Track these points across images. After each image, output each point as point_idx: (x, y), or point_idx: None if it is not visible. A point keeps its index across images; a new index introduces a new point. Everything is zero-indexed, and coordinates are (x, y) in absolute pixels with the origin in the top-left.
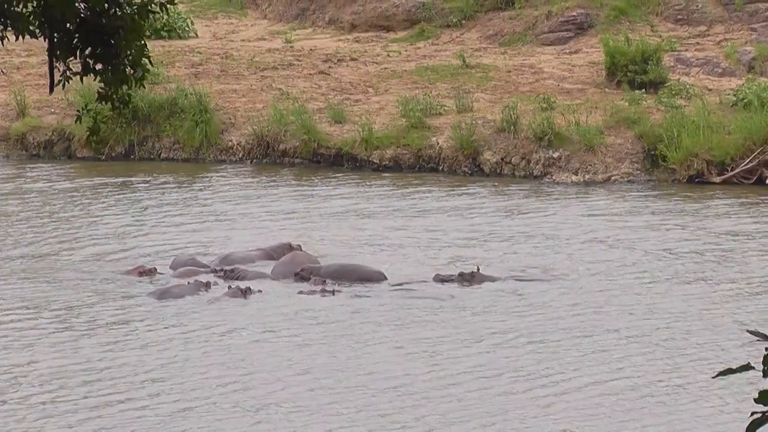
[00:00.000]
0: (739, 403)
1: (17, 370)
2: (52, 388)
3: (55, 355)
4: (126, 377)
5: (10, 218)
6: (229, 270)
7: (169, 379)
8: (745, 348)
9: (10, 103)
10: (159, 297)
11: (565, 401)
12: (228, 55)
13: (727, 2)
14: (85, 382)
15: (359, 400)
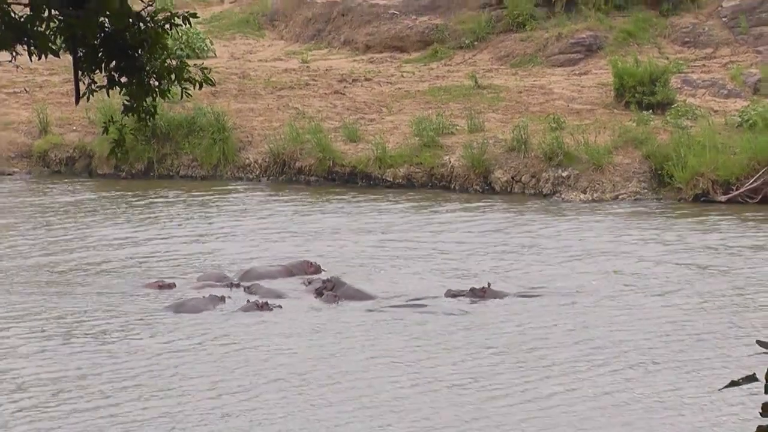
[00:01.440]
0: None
1: (43, 375)
2: (69, 394)
3: (71, 362)
4: (138, 384)
5: (32, 231)
6: (249, 285)
7: (179, 388)
8: (747, 359)
9: (32, 120)
10: (175, 310)
11: (572, 412)
12: (245, 74)
13: (732, 25)
14: (100, 390)
15: (366, 410)
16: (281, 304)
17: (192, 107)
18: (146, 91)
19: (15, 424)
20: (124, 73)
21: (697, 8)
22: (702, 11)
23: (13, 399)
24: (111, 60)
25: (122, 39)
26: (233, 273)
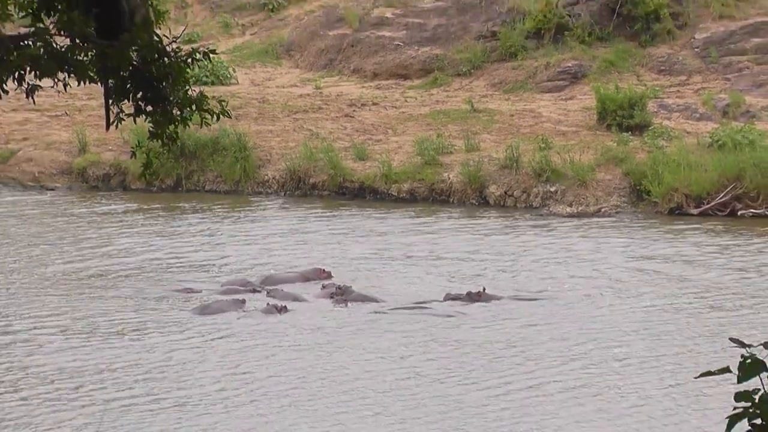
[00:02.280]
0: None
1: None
2: (90, 387)
3: (94, 357)
4: (153, 377)
5: (70, 239)
6: (268, 289)
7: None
8: (721, 354)
9: (72, 140)
10: (201, 312)
11: (548, 402)
12: (264, 99)
13: (704, 56)
14: (120, 383)
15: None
16: (297, 306)
17: (217, 128)
18: (169, 120)
19: (39, 413)
20: (149, 103)
21: (672, 40)
22: (676, 42)
23: (38, 391)
24: (138, 90)
25: (149, 72)
26: (254, 278)
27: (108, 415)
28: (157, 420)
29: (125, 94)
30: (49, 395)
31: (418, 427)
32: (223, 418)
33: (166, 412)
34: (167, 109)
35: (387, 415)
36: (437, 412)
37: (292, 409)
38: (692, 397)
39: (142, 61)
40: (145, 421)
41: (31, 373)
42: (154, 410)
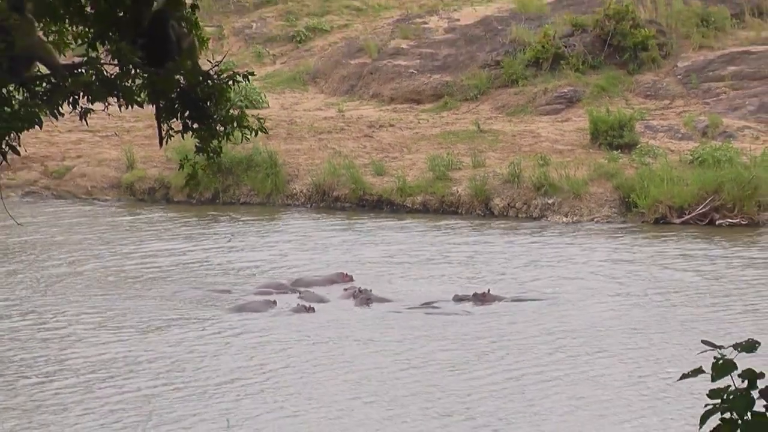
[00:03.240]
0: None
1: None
2: (117, 379)
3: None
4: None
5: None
6: (301, 291)
7: (238, 379)
8: (690, 347)
9: (121, 158)
10: (237, 311)
11: (535, 389)
12: (293, 121)
13: (685, 82)
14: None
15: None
16: (323, 306)
17: (250, 147)
18: (213, 135)
19: (71, 401)
20: (195, 121)
21: (657, 68)
22: (661, 70)
23: (71, 381)
24: (185, 110)
25: (194, 93)
26: (285, 281)
27: (133, 403)
28: (178, 407)
29: (174, 114)
30: (80, 385)
31: (419, 408)
32: (236, 404)
33: (188, 399)
34: (211, 126)
35: (390, 398)
36: (435, 398)
37: (301, 397)
38: (662, 384)
39: (187, 84)
40: (168, 408)
41: (65, 365)
42: (178, 398)
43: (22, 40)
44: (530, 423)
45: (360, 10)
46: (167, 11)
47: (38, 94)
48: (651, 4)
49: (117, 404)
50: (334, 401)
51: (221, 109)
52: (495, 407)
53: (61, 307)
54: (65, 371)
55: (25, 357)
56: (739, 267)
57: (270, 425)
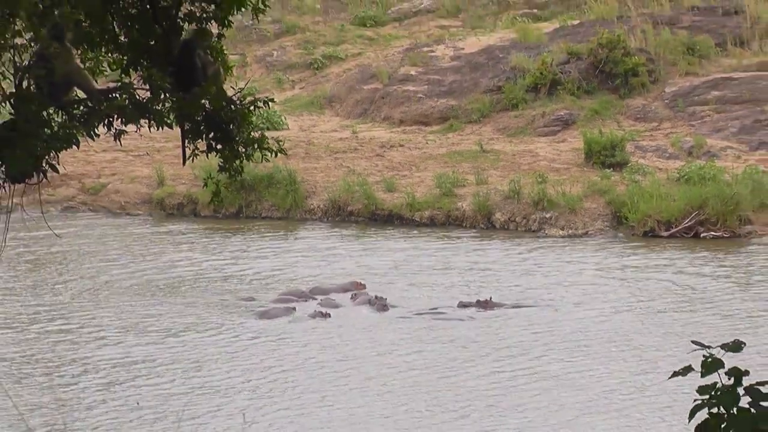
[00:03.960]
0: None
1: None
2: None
3: (165, 353)
4: (221, 371)
5: (148, 255)
6: (316, 298)
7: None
8: (672, 347)
9: (152, 175)
10: (259, 316)
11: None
12: (310, 142)
13: (672, 106)
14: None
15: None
16: (338, 312)
17: (271, 166)
18: (235, 156)
19: (93, 400)
20: (219, 142)
21: (646, 93)
22: (650, 95)
23: (93, 378)
24: (210, 132)
25: (218, 116)
26: (305, 289)
27: (153, 401)
28: (196, 405)
29: (199, 135)
30: (104, 384)
31: (427, 403)
32: (252, 402)
33: (207, 397)
34: (234, 147)
35: (399, 394)
36: (442, 394)
37: (316, 395)
38: (645, 383)
39: (212, 108)
40: (186, 405)
41: (91, 366)
42: (197, 396)
43: (61, 67)
44: (523, 417)
45: (372, 39)
46: (194, 41)
47: (76, 117)
48: (641, 34)
49: (139, 397)
50: (347, 399)
51: (243, 131)
52: (494, 401)
53: (91, 312)
54: (90, 372)
55: (54, 358)
56: (721, 276)
57: (285, 422)
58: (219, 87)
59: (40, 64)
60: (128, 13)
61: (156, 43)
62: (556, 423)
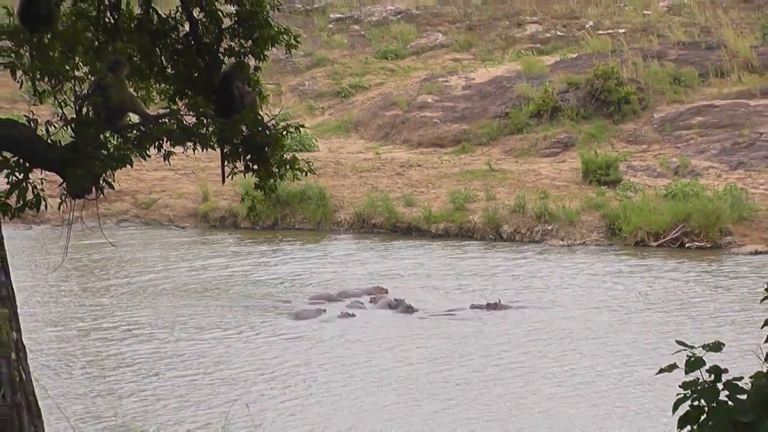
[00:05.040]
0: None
1: (151, 354)
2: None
3: (197, 348)
4: (251, 365)
5: (191, 262)
6: (344, 301)
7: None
8: (656, 345)
9: (197, 192)
10: (293, 317)
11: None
12: (338, 162)
13: (660, 130)
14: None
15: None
16: (363, 314)
17: (303, 183)
18: (270, 175)
19: (124, 390)
20: (255, 163)
21: (637, 118)
22: (640, 120)
23: (124, 371)
24: (247, 154)
25: (255, 140)
26: (333, 292)
27: (180, 391)
28: (217, 395)
29: (237, 156)
30: (135, 376)
31: (441, 396)
32: (272, 393)
33: (226, 388)
34: (268, 168)
35: (415, 387)
36: (454, 387)
37: (337, 385)
38: (629, 377)
39: (249, 132)
40: (208, 395)
41: (122, 358)
42: (218, 386)
43: (116, 96)
44: (523, 405)
45: (393, 71)
46: (234, 73)
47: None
48: (632, 66)
49: (163, 393)
50: (367, 391)
51: (277, 153)
52: (504, 392)
53: (134, 311)
54: (123, 366)
55: (92, 353)
56: (703, 281)
57: (306, 413)
58: (255, 114)
59: (98, 93)
60: (175, 48)
61: (199, 74)
62: (540, 411)
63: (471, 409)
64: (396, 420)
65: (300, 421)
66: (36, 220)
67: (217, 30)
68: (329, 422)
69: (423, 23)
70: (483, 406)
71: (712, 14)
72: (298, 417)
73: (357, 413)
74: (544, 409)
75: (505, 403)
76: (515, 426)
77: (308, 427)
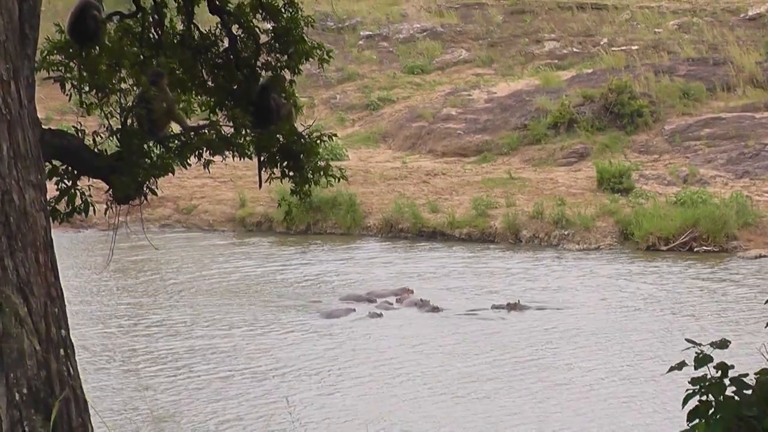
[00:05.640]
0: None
1: (181, 349)
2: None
3: (227, 343)
4: (280, 360)
5: (229, 263)
6: (372, 301)
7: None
8: (663, 342)
9: (235, 198)
10: (325, 316)
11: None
12: (367, 171)
13: (671, 141)
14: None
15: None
16: (390, 313)
17: (335, 190)
18: (305, 181)
19: (155, 382)
20: (290, 170)
21: (648, 130)
22: (652, 131)
23: (159, 367)
24: (283, 161)
25: (290, 149)
26: (362, 293)
27: (211, 385)
28: (245, 388)
29: (274, 164)
30: (166, 370)
31: (456, 389)
32: (302, 387)
33: (256, 382)
34: (303, 174)
35: (438, 380)
36: (475, 381)
37: (368, 377)
38: (645, 373)
39: (285, 141)
40: (238, 389)
41: (158, 354)
42: (247, 380)
43: (159, 107)
44: (541, 399)
45: (419, 85)
46: (270, 86)
47: (171, 149)
48: (644, 81)
49: (195, 387)
50: (392, 384)
51: (311, 161)
52: (522, 386)
53: (171, 309)
54: (158, 361)
55: (130, 348)
56: (710, 283)
57: (335, 405)
58: (291, 124)
59: (142, 105)
60: (215, 62)
61: (238, 87)
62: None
63: (492, 402)
64: (420, 412)
65: (329, 412)
66: (83, 224)
67: (254, 45)
68: (357, 413)
69: (447, 40)
70: (505, 400)
71: (719, 32)
72: (327, 409)
73: (384, 406)
74: (559, 402)
75: (524, 396)
76: (534, 418)
77: (339, 414)
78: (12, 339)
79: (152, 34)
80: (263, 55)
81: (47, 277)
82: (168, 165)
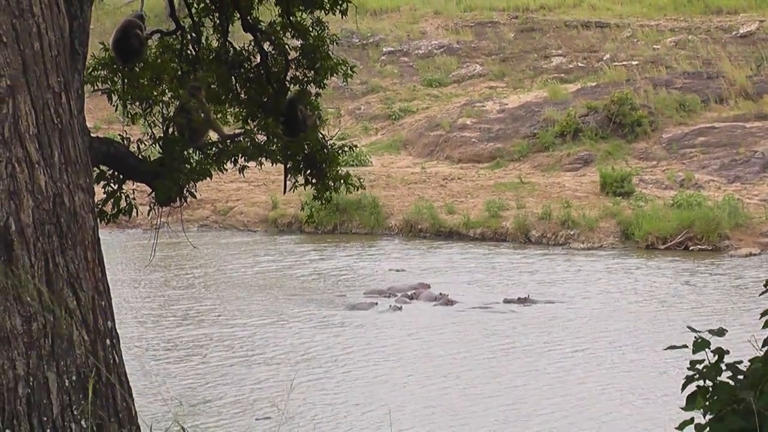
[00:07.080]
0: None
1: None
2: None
3: (267, 332)
4: (316, 353)
5: (260, 259)
6: (392, 295)
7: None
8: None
9: (268, 201)
10: (349, 309)
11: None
12: (390, 176)
13: (668, 148)
14: (240, 348)
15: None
16: (409, 307)
17: (360, 193)
18: (326, 188)
19: (173, 369)
20: (314, 177)
21: (648, 138)
22: (650, 140)
23: (187, 353)
24: (307, 169)
25: (314, 158)
26: (384, 288)
27: (220, 371)
28: (257, 374)
29: (299, 171)
30: (184, 358)
31: (470, 378)
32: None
33: (268, 368)
34: (325, 182)
35: (450, 370)
36: (487, 371)
37: (386, 366)
38: (648, 360)
39: (310, 150)
40: (248, 374)
41: (188, 341)
42: (260, 366)
43: (197, 117)
44: (549, 385)
45: (437, 97)
46: (297, 99)
47: (209, 155)
48: (644, 93)
49: (216, 374)
50: (409, 372)
51: (333, 170)
52: (531, 371)
53: (203, 301)
54: (188, 348)
55: (166, 338)
56: (704, 277)
57: (354, 392)
58: (316, 134)
59: (182, 115)
60: (248, 77)
61: (268, 99)
62: None
63: (504, 388)
64: (435, 398)
65: (350, 396)
66: (128, 225)
67: (284, 61)
68: (376, 398)
69: (463, 55)
70: (516, 387)
71: (712, 48)
72: (344, 395)
73: (402, 393)
74: (567, 389)
75: (533, 381)
76: (543, 403)
77: (360, 399)
78: (62, 330)
79: (190, 51)
80: (292, 70)
81: (95, 273)
82: (206, 170)
